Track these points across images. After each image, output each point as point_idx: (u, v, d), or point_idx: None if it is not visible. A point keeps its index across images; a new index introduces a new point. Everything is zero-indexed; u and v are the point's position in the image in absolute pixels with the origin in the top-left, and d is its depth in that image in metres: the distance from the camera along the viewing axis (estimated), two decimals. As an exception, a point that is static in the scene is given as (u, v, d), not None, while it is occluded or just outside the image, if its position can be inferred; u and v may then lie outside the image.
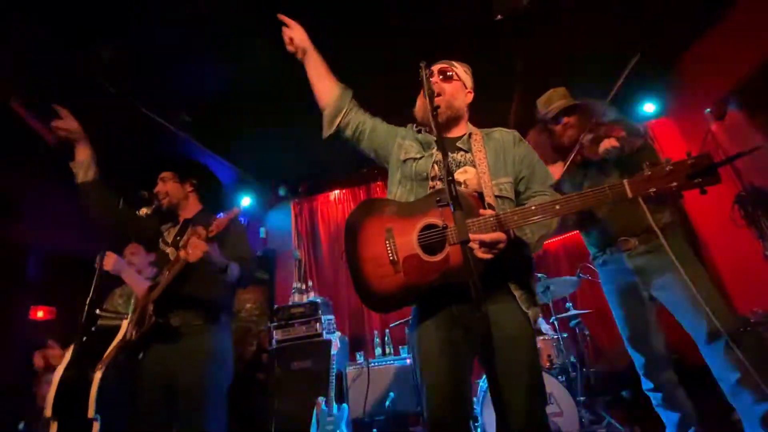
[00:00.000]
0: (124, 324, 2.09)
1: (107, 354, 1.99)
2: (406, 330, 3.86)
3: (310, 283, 4.66)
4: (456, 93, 1.53)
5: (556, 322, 3.33)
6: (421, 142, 1.53)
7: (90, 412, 1.95)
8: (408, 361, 3.55)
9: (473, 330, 1.26)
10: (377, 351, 4.00)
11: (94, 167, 1.97)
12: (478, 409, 2.73)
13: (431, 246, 1.27)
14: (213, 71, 3.19)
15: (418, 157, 1.48)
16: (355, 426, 3.35)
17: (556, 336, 3.23)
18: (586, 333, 3.58)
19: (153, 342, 1.84)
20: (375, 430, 3.43)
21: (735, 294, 3.60)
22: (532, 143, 1.58)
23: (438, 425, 1.25)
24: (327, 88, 1.61)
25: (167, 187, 2.10)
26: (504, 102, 3.84)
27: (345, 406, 3.05)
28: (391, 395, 3.41)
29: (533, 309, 1.31)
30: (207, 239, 1.66)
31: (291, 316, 3.66)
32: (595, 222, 2.11)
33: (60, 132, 1.93)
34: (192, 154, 4.10)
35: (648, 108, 4.25)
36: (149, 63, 2.98)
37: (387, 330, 4.05)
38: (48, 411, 2.01)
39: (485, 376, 1.47)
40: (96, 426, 1.94)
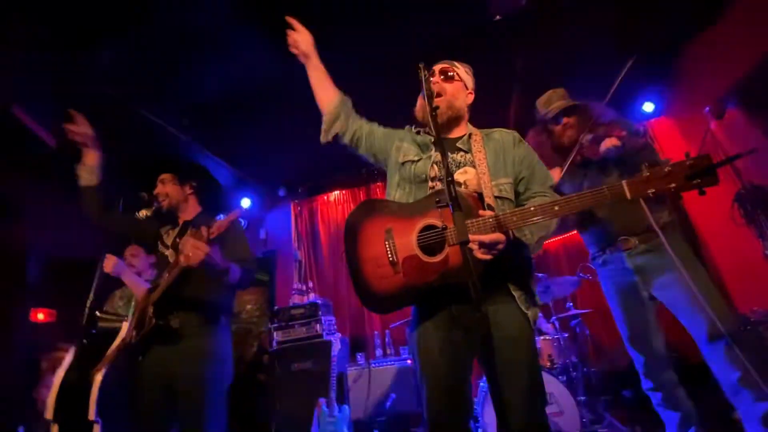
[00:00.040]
0: (124, 326, 2.09)
1: (106, 356, 1.99)
2: (406, 331, 3.86)
3: (310, 284, 4.67)
4: (457, 93, 1.53)
5: (556, 321, 3.33)
6: (419, 144, 1.53)
7: (91, 414, 1.95)
8: (409, 362, 3.55)
9: (473, 330, 1.25)
10: (378, 352, 4.01)
11: (98, 173, 2.04)
12: (478, 409, 2.73)
13: (431, 247, 1.27)
14: (213, 73, 3.19)
15: (416, 160, 1.48)
16: (356, 427, 3.35)
17: (556, 336, 3.23)
18: (586, 333, 3.59)
19: (153, 343, 1.84)
20: (376, 430, 3.42)
21: (735, 293, 3.59)
22: (531, 143, 1.58)
23: (438, 425, 1.25)
24: (327, 95, 1.63)
25: (167, 189, 2.10)
26: (503, 102, 3.84)
27: (346, 407, 3.04)
28: (392, 396, 3.41)
29: (533, 309, 1.32)
30: (208, 241, 1.66)
31: (291, 317, 3.66)
32: (595, 221, 2.11)
33: (73, 136, 2.00)
34: (192, 155, 4.10)
35: (647, 107, 4.25)
36: (149, 64, 2.98)
37: (387, 331, 4.05)
38: (49, 414, 2.00)
39: (485, 376, 1.47)
40: (97, 428, 1.94)
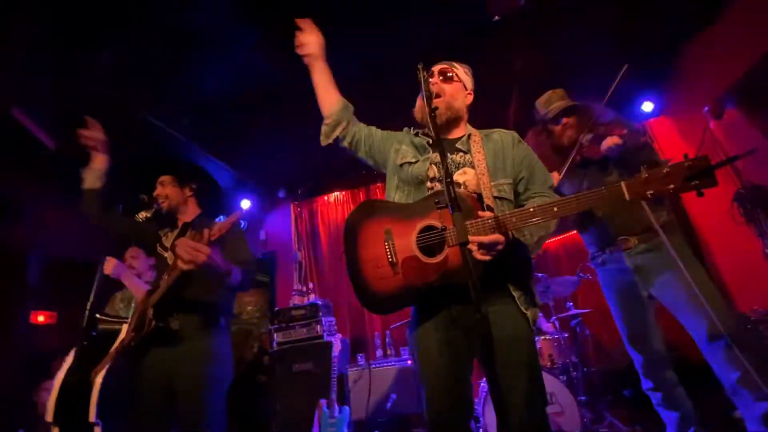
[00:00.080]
0: (124, 328, 2.09)
1: (105, 358, 1.99)
2: (407, 331, 3.85)
3: (310, 285, 4.67)
4: (456, 94, 1.53)
5: (556, 321, 3.33)
6: (417, 145, 1.53)
7: (91, 416, 1.95)
8: (409, 363, 3.54)
9: (472, 331, 1.26)
10: (378, 353, 4.00)
11: (104, 177, 2.08)
12: (479, 410, 2.73)
13: (430, 247, 1.28)
14: (213, 74, 3.19)
15: (414, 161, 1.48)
16: (357, 428, 3.35)
17: (557, 335, 3.23)
18: (586, 332, 3.58)
19: (153, 345, 1.84)
20: (377, 431, 3.43)
21: (735, 292, 3.60)
22: (530, 143, 1.59)
23: (438, 425, 1.25)
24: (331, 99, 1.63)
25: (167, 191, 2.10)
26: (502, 102, 3.84)
27: (346, 408, 3.04)
28: (393, 397, 3.41)
29: (532, 310, 1.32)
30: (209, 243, 1.66)
31: (292, 318, 3.66)
32: (595, 221, 2.11)
33: (85, 141, 2.05)
34: (192, 156, 4.10)
35: (646, 107, 4.25)
36: (149, 65, 2.98)
37: (388, 331, 4.05)
38: (49, 416, 2.00)
39: (485, 377, 1.47)
40: (97, 430, 1.94)
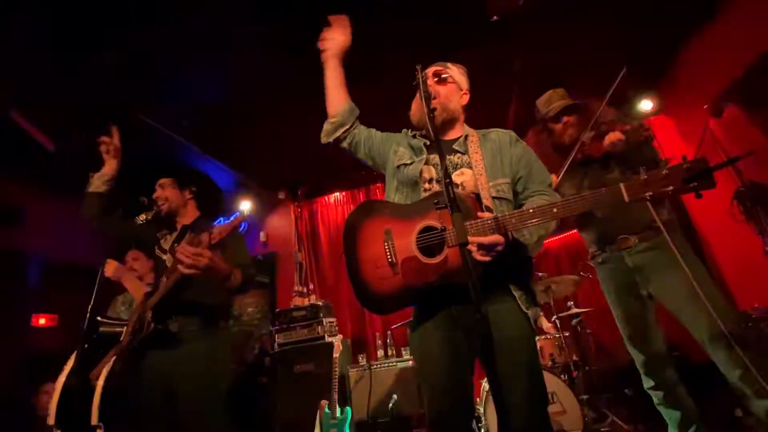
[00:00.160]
0: (125, 331, 2.09)
1: (104, 361, 1.99)
2: (408, 331, 3.85)
3: (311, 286, 4.67)
4: (450, 95, 1.53)
5: (557, 320, 3.33)
6: (414, 147, 1.54)
7: (93, 419, 1.95)
8: (410, 363, 3.55)
9: (473, 331, 1.25)
10: (379, 353, 4.00)
11: (110, 183, 2.09)
12: (481, 410, 2.73)
13: (430, 248, 1.28)
14: (213, 75, 3.19)
15: (409, 163, 1.49)
16: (359, 428, 3.35)
17: (558, 335, 3.23)
18: (587, 331, 3.58)
19: (152, 348, 1.85)
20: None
21: (735, 290, 3.60)
22: (531, 143, 1.58)
23: (439, 425, 1.26)
24: (339, 99, 1.64)
25: (166, 193, 2.10)
26: (502, 102, 3.84)
27: (348, 408, 3.05)
28: (394, 397, 3.41)
29: (533, 309, 1.32)
30: (210, 246, 1.66)
31: (292, 319, 3.66)
32: (595, 220, 2.12)
33: (103, 147, 2.07)
34: (192, 158, 4.11)
35: (646, 105, 4.25)
36: (149, 66, 2.98)
37: (389, 332, 4.05)
38: (51, 419, 2.00)
39: (486, 377, 1.47)
40: (100, 433, 1.94)
